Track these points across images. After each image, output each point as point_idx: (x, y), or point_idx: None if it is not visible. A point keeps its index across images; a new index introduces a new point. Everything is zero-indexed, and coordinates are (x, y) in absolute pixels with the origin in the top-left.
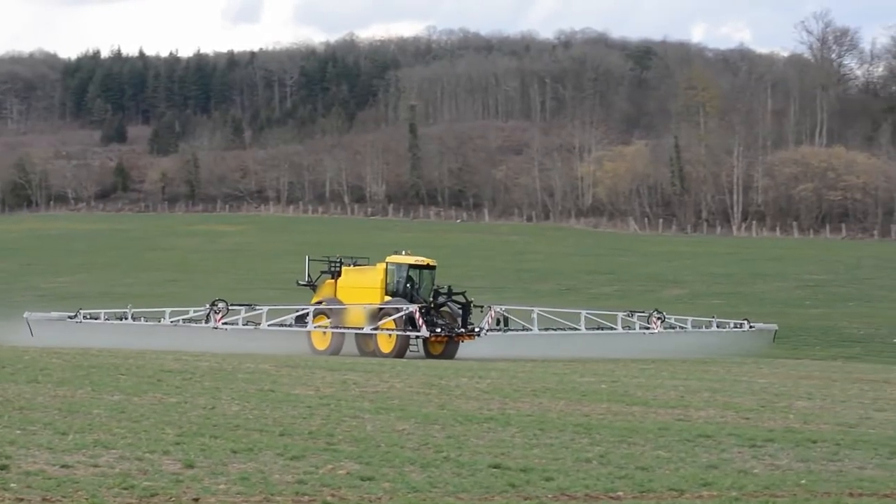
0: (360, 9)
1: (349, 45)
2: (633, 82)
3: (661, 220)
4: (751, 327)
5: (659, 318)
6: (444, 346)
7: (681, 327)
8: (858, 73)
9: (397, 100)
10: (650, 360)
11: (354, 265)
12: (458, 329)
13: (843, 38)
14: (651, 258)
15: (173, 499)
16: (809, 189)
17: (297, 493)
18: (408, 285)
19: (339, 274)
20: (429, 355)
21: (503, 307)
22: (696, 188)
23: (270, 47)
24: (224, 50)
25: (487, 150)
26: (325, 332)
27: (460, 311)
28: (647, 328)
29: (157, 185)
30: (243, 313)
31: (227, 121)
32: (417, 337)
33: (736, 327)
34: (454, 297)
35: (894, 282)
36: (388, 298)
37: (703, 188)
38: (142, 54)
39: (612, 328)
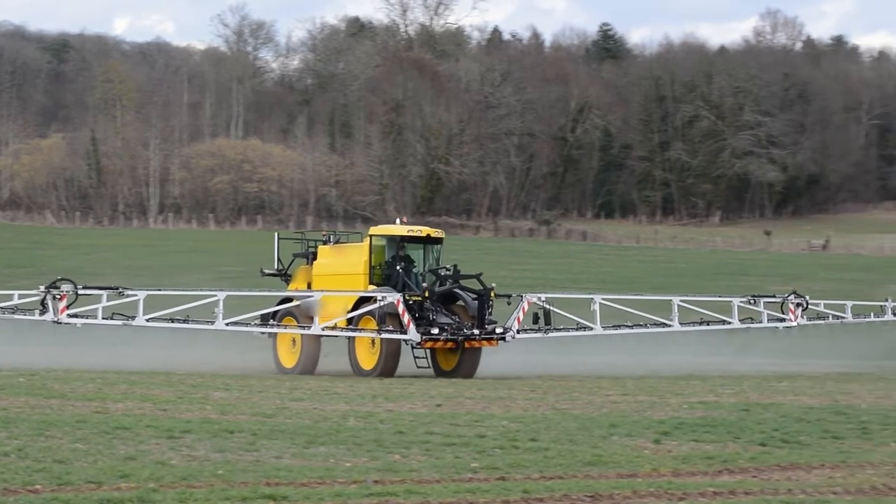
0: None
1: None
2: (51, 75)
3: (78, 213)
4: None
5: (798, 305)
6: (459, 357)
7: (835, 317)
8: (274, 65)
9: None
10: None
11: (336, 243)
12: (471, 331)
13: (260, 32)
14: (69, 251)
15: None
16: (226, 181)
17: None
18: (399, 267)
19: (315, 256)
20: (439, 372)
21: (543, 296)
22: (113, 181)
23: None
24: None
25: None
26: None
27: (476, 305)
28: (783, 320)
29: None
30: (105, 301)
31: None
32: (408, 342)
33: None
34: (461, 283)
35: None
36: (371, 287)
37: (119, 181)
38: None
39: (724, 322)
